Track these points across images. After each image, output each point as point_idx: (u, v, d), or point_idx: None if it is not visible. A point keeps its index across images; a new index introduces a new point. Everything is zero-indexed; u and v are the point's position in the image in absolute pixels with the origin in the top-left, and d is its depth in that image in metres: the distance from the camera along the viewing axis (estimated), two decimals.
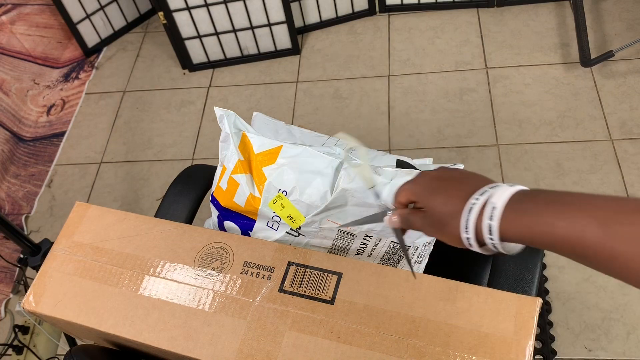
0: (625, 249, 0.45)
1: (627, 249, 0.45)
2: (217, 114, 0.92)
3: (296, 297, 0.80)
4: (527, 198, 0.53)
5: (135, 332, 0.82)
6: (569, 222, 0.48)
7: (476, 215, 0.54)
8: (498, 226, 0.53)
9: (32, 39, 2.32)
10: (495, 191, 0.54)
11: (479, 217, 0.54)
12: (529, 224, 0.51)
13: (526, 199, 0.53)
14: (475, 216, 0.54)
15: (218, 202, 0.92)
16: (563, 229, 0.49)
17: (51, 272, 0.91)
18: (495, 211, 0.53)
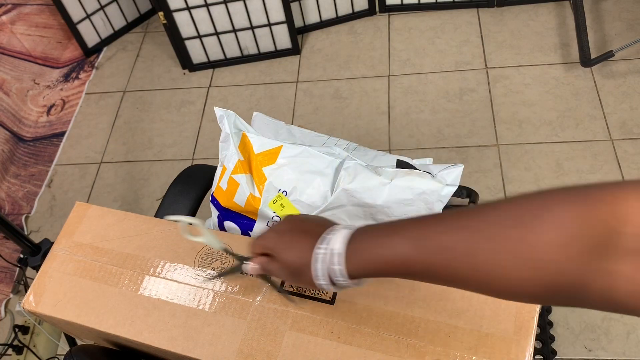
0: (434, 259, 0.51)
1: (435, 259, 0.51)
2: (217, 114, 0.92)
3: (296, 297, 0.80)
4: (360, 237, 0.58)
5: (135, 332, 0.82)
6: (391, 249, 0.54)
7: (323, 264, 0.58)
8: (345, 269, 0.57)
9: (32, 39, 2.32)
10: (332, 237, 0.58)
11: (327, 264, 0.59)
12: (367, 261, 0.56)
13: (359, 238, 0.57)
14: (322, 264, 0.58)
15: (218, 202, 0.92)
16: (389, 256, 0.54)
17: (51, 272, 0.91)
18: (339, 257, 0.57)
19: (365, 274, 0.57)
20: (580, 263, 0.41)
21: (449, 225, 0.51)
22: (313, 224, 0.63)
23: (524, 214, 0.45)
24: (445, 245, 0.50)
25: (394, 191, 0.84)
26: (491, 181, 1.86)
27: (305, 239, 0.61)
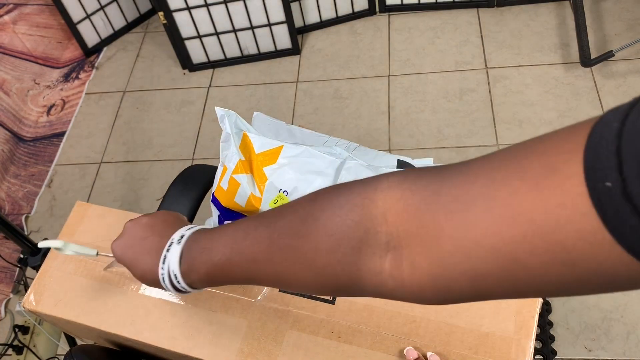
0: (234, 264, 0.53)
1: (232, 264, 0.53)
2: (218, 114, 0.92)
3: (297, 296, 0.80)
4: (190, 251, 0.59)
5: (135, 332, 0.82)
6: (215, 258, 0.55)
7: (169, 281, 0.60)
8: (186, 285, 0.59)
9: (34, 39, 2.32)
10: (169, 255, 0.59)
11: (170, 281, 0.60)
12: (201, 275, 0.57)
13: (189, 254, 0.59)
14: (169, 281, 0.60)
15: (219, 202, 0.92)
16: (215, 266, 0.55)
17: (52, 272, 0.91)
18: (178, 277, 0.59)
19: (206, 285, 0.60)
20: (348, 265, 0.43)
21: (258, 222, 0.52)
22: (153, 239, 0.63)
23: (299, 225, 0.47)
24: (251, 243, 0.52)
25: None
26: None
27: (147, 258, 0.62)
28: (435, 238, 0.38)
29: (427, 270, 0.39)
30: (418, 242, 0.39)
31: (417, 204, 0.39)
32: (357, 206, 0.43)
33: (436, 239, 0.38)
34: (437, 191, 0.38)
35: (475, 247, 0.36)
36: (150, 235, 0.63)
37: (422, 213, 0.38)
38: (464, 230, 0.36)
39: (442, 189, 0.38)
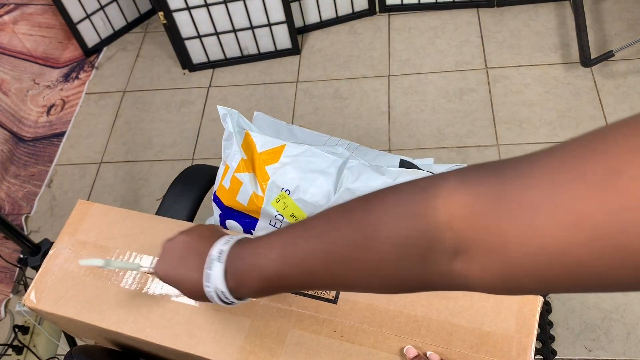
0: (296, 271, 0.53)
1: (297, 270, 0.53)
2: (221, 112, 0.92)
3: (300, 296, 0.80)
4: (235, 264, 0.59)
5: (137, 329, 0.82)
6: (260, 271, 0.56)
7: (217, 297, 0.61)
8: (235, 299, 0.60)
9: (34, 39, 2.32)
10: (212, 274, 0.60)
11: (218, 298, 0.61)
12: (250, 286, 0.58)
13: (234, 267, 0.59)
14: (217, 297, 0.61)
15: (220, 200, 0.92)
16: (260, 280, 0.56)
17: (53, 269, 0.90)
18: (226, 294, 0.60)
19: (255, 295, 0.62)
20: (416, 270, 0.44)
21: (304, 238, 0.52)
22: (192, 259, 0.64)
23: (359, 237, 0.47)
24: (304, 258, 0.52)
25: None
26: None
27: (190, 276, 0.63)
28: (502, 244, 0.38)
29: (497, 272, 0.40)
30: (485, 247, 0.40)
31: (481, 210, 0.39)
32: (420, 215, 0.43)
33: (503, 245, 0.38)
34: (500, 196, 0.38)
35: (541, 253, 0.36)
36: (189, 254, 0.64)
37: (487, 220, 0.39)
38: (529, 237, 0.36)
39: (505, 194, 0.38)
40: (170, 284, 0.67)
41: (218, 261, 0.60)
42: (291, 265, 0.53)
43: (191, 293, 0.64)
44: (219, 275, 0.59)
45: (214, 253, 0.60)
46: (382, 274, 0.47)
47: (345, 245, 0.48)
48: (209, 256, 0.61)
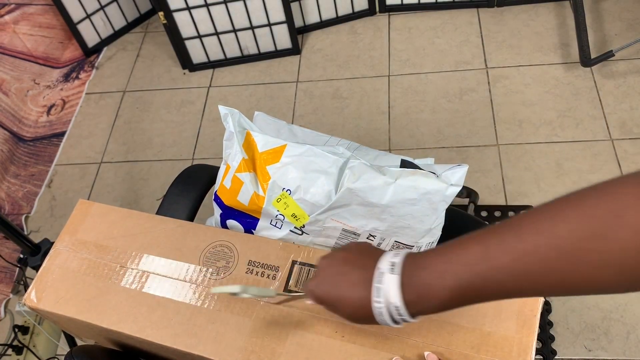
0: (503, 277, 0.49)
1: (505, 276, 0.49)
2: (222, 112, 0.92)
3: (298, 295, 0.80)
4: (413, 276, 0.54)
5: (138, 329, 0.82)
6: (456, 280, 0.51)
7: (388, 314, 0.56)
8: (409, 316, 0.56)
9: (35, 39, 2.32)
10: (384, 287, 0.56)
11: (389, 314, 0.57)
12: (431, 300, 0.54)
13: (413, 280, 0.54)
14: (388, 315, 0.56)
15: (221, 200, 0.92)
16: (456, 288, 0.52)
17: (54, 269, 0.90)
18: (400, 309, 0.55)
19: (436, 311, 0.56)
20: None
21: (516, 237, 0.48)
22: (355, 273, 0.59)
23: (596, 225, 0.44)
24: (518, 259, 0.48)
25: (398, 191, 0.84)
26: (491, 181, 1.86)
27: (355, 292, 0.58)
28: None
29: None
30: None
31: None
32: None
33: None
34: None
35: None
36: (351, 270, 0.60)
37: None
38: None
39: None
40: (327, 304, 0.62)
41: (391, 273, 0.55)
42: (498, 268, 0.49)
43: (354, 313, 0.59)
44: (394, 288, 0.54)
45: (384, 266, 0.56)
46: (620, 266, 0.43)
47: (578, 237, 0.44)
48: (378, 269, 0.57)
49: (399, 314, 0.55)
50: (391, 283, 0.55)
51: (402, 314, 0.55)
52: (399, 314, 0.55)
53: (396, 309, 0.55)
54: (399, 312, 0.55)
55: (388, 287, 0.55)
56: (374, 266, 0.57)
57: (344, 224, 0.87)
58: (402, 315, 0.55)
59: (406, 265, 0.55)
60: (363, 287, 0.57)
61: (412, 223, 0.87)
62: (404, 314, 0.55)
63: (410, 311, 0.55)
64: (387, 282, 0.55)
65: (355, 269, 0.60)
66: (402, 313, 0.55)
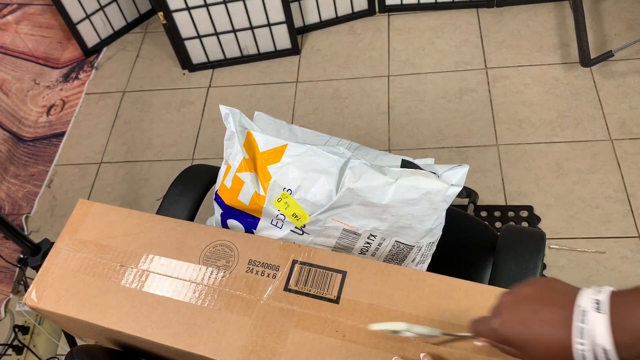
0: None
1: None
2: (223, 112, 0.92)
3: (302, 296, 0.80)
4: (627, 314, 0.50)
5: (138, 328, 0.82)
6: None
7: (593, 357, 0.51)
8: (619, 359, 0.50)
9: (35, 39, 2.32)
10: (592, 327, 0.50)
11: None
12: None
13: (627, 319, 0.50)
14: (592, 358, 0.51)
15: (222, 200, 0.92)
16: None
17: (54, 268, 0.90)
18: (610, 353, 0.50)
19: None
20: None
21: None
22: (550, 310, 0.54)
23: None
24: None
25: (399, 191, 0.84)
26: (491, 181, 1.87)
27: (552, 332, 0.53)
28: None
29: None
30: None
31: None
32: None
33: None
34: None
35: None
36: (543, 307, 0.55)
37: None
38: None
39: None
40: (514, 345, 0.56)
41: (596, 312, 0.50)
42: None
43: (549, 353, 0.53)
44: (603, 329, 0.49)
45: (587, 304, 0.51)
46: None
47: None
48: (578, 307, 0.51)
49: (607, 357, 0.50)
50: (598, 323, 0.50)
51: (610, 358, 0.50)
52: (607, 357, 0.50)
53: (604, 352, 0.49)
54: (608, 356, 0.50)
55: (594, 327, 0.50)
56: (573, 304, 0.53)
57: (344, 224, 0.87)
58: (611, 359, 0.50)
59: (615, 303, 0.51)
60: (562, 327, 0.52)
61: (413, 223, 0.87)
62: (612, 357, 0.50)
63: (621, 355, 0.49)
64: (593, 321, 0.50)
65: (549, 307, 0.55)
66: (610, 357, 0.50)
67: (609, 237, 1.69)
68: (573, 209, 1.76)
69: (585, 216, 1.74)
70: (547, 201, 1.79)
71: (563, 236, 1.72)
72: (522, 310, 0.56)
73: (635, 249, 1.66)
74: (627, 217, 1.72)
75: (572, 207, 1.76)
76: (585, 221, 1.73)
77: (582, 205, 1.76)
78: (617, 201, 1.75)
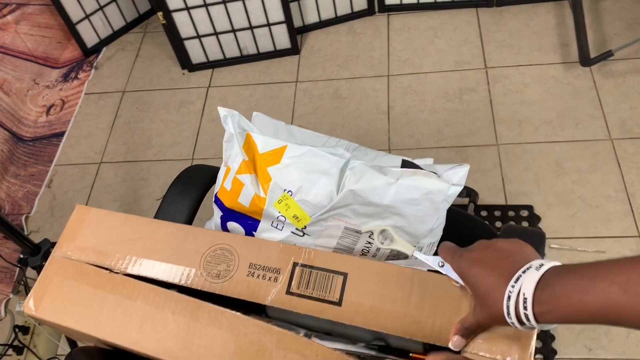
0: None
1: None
2: (221, 114, 0.92)
3: (304, 299, 0.80)
4: (554, 280, 0.58)
5: (132, 342, 0.81)
6: (596, 296, 0.54)
7: (514, 303, 0.59)
8: (532, 314, 0.58)
9: (35, 39, 2.32)
10: (525, 277, 0.59)
11: (515, 305, 0.60)
12: (560, 307, 0.56)
13: (554, 282, 0.57)
14: (514, 304, 0.59)
15: (222, 202, 0.92)
16: (592, 303, 0.54)
17: (52, 277, 0.90)
18: (527, 301, 0.58)
19: (556, 321, 0.58)
20: None
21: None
22: (508, 261, 0.63)
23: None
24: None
25: (400, 191, 0.84)
26: (491, 181, 1.87)
27: (496, 276, 0.62)
28: None
29: None
30: None
31: None
32: None
33: None
34: None
35: None
36: (507, 257, 0.64)
37: None
38: None
39: None
40: (467, 276, 0.66)
41: (536, 270, 0.59)
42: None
43: (487, 292, 0.63)
44: (531, 282, 0.58)
45: (535, 263, 0.60)
46: None
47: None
48: (528, 264, 0.60)
49: (524, 307, 0.58)
50: (531, 276, 0.58)
51: (527, 307, 0.57)
52: (524, 307, 0.58)
53: (524, 300, 0.58)
54: (525, 304, 0.58)
55: (528, 278, 0.58)
56: (528, 262, 0.61)
57: (346, 222, 0.87)
58: (527, 310, 0.58)
59: (555, 271, 0.58)
60: (507, 276, 0.61)
61: (414, 223, 0.87)
62: (528, 309, 0.57)
63: (535, 309, 0.57)
64: (529, 274, 0.58)
65: (509, 258, 0.63)
66: (527, 306, 0.57)
67: (609, 237, 1.69)
68: (573, 208, 1.76)
69: (585, 216, 1.74)
70: (547, 201, 1.79)
71: (563, 236, 1.72)
72: (488, 253, 0.66)
73: (635, 249, 1.66)
74: (627, 216, 1.72)
75: (572, 207, 1.77)
76: (586, 221, 1.73)
77: (582, 205, 1.76)
78: (617, 201, 1.75)
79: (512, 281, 0.60)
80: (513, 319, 0.60)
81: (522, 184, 1.84)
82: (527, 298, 0.57)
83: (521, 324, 0.60)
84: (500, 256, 0.64)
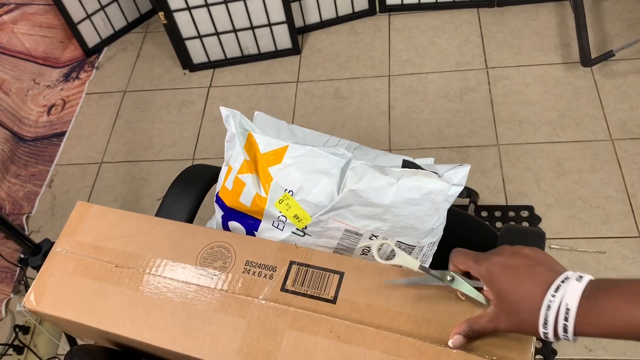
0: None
1: None
2: (223, 113, 0.92)
3: (298, 296, 0.80)
4: (600, 293, 0.56)
5: (135, 331, 0.82)
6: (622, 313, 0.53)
7: (555, 314, 0.57)
8: (573, 327, 0.56)
9: (34, 39, 2.32)
10: (567, 288, 0.57)
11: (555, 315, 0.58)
12: (606, 321, 0.54)
13: (599, 294, 0.56)
14: (554, 314, 0.57)
15: (223, 202, 0.92)
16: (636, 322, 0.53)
17: (52, 271, 0.90)
18: (570, 312, 0.56)
19: (598, 334, 0.56)
20: None
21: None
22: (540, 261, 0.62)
23: None
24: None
25: (401, 191, 0.84)
26: (491, 181, 1.87)
27: (532, 283, 0.60)
28: None
29: None
30: None
31: None
32: None
33: None
34: None
35: None
36: (538, 265, 0.62)
37: None
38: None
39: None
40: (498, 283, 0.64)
41: (577, 281, 0.57)
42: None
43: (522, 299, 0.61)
44: (576, 292, 0.56)
45: (571, 274, 0.58)
46: None
47: None
48: (565, 275, 0.59)
49: (565, 318, 0.56)
50: (573, 287, 0.56)
51: (568, 318, 0.56)
52: (565, 318, 0.56)
53: (566, 311, 0.56)
54: (567, 315, 0.56)
55: (569, 288, 0.57)
56: (561, 271, 0.60)
57: (346, 225, 0.87)
58: (568, 321, 0.56)
59: (595, 283, 0.57)
60: (543, 283, 0.59)
61: (415, 223, 0.87)
62: (569, 321, 0.56)
63: (577, 320, 0.56)
64: (572, 285, 0.57)
65: (541, 266, 0.62)
66: (568, 317, 0.56)
67: (610, 237, 1.69)
68: (574, 208, 1.76)
69: (585, 216, 1.74)
70: (547, 201, 1.79)
71: (563, 236, 1.72)
72: (518, 260, 0.64)
73: (636, 249, 1.66)
74: (627, 217, 1.72)
75: (573, 207, 1.76)
76: (586, 221, 1.73)
77: (582, 205, 1.76)
78: (618, 201, 1.75)
79: (552, 290, 0.58)
80: (549, 330, 0.58)
81: (522, 184, 1.84)
82: (571, 309, 0.56)
83: (555, 334, 0.58)
84: (530, 264, 0.63)
